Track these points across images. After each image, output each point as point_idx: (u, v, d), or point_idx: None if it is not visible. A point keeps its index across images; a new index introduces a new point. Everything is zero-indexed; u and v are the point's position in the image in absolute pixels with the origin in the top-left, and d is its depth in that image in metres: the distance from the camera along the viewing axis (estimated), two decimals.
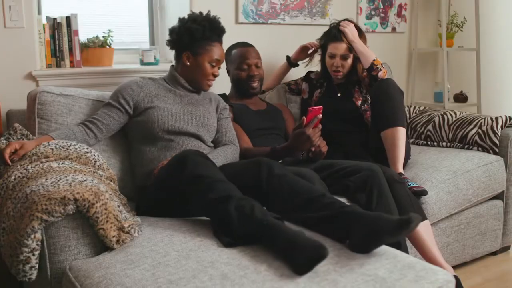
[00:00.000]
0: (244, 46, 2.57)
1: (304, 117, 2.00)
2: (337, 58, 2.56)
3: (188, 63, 2.18)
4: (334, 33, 2.59)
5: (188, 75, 2.20)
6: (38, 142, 1.82)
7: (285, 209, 1.67)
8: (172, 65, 2.26)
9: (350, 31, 2.54)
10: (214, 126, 2.21)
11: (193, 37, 2.14)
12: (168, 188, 1.75)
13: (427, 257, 2.10)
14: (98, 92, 2.22)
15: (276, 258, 1.42)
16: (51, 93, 2.06)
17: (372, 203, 1.99)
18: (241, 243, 1.50)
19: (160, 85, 2.19)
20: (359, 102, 2.58)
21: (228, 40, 2.67)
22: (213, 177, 1.61)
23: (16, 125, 1.92)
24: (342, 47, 2.55)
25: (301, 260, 1.34)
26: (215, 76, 2.20)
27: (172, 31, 2.21)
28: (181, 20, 2.20)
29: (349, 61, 2.57)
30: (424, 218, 2.15)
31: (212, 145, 2.22)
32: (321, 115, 2.00)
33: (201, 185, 1.60)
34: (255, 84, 2.53)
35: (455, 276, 1.93)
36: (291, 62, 2.88)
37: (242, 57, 2.52)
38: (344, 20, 2.62)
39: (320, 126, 2.04)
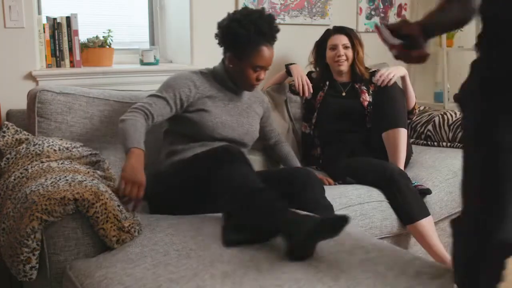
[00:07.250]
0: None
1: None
2: (339, 47, 2.57)
3: (231, 66, 2.05)
4: (332, 29, 2.65)
5: (233, 77, 2.08)
6: (140, 162, 1.72)
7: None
8: (223, 61, 2.12)
9: (393, 72, 2.50)
10: (257, 131, 2.18)
11: (237, 40, 1.99)
12: (191, 176, 1.77)
13: (432, 252, 2.14)
14: (98, 90, 2.21)
15: (278, 255, 1.43)
16: (51, 91, 2.05)
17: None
18: (245, 241, 1.51)
19: (212, 84, 2.08)
20: (366, 103, 2.57)
21: None
22: (249, 185, 1.61)
23: (6, 122, 1.93)
24: (343, 38, 2.59)
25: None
26: (259, 80, 2.06)
27: (219, 26, 2.05)
28: (229, 17, 2.02)
29: (351, 52, 2.58)
30: (427, 214, 2.17)
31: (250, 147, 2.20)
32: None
33: (233, 182, 1.62)
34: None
35: None
36: (290, 73, 2.82)
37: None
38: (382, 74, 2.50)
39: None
